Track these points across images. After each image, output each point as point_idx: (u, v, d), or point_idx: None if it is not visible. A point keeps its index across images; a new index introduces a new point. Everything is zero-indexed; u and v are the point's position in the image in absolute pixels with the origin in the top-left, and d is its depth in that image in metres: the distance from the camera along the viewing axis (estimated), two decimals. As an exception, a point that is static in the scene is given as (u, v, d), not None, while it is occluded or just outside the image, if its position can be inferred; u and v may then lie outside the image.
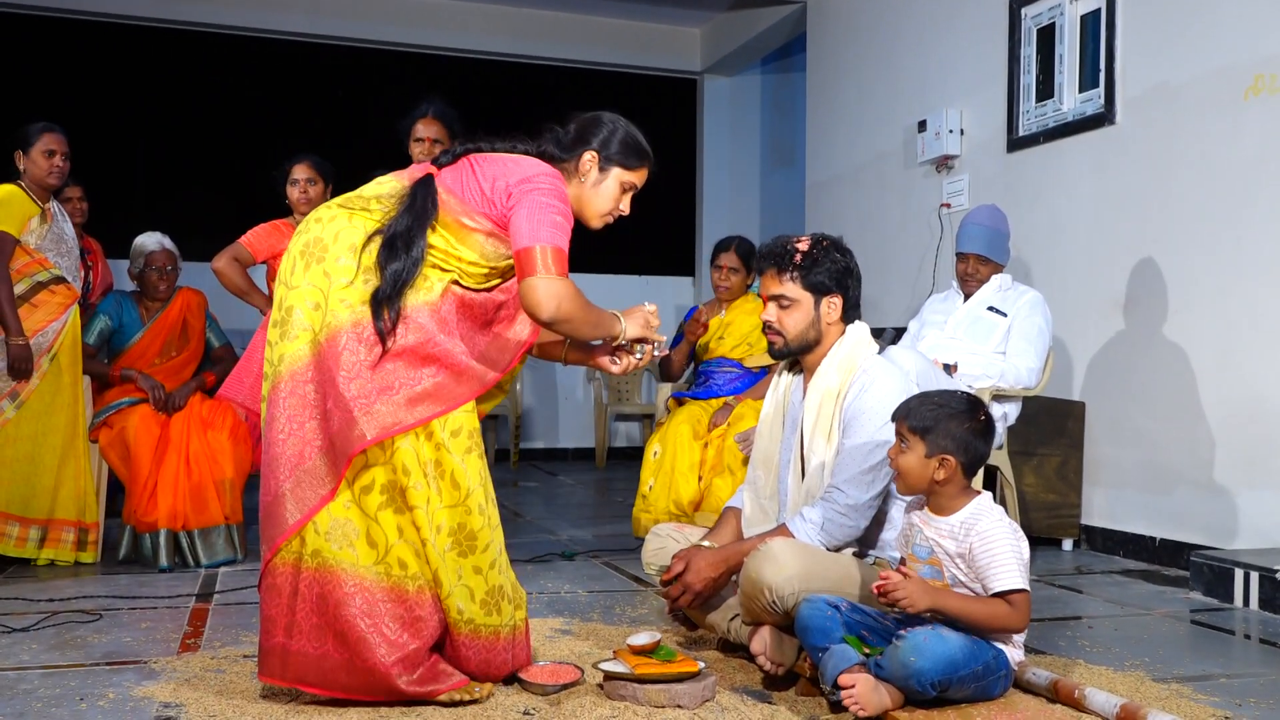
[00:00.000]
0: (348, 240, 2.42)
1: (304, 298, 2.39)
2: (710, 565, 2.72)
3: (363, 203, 2.48)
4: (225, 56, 8.10)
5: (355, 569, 2.34)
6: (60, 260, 4.23)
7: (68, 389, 4.18)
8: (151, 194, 7.90)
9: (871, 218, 6.45)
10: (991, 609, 2.33)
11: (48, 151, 4.15)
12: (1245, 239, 4.08)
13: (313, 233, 2.45)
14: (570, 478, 7.41)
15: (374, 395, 2.33)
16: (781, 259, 2.77)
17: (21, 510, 4.09)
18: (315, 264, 2.41)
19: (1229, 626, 3.36)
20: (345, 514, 2.36)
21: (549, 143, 2.61)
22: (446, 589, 2.37)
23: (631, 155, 2.61)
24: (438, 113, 4.25)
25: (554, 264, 2.38)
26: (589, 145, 2.58)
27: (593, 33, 8.73)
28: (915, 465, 2.41)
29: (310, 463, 2.36)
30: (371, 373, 2.34)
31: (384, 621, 2.34)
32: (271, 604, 2.39)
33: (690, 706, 2.39)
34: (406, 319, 2.38)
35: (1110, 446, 4.67)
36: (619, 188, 2.62)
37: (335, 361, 2.34)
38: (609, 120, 2.63)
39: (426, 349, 2.39)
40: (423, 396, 2.37)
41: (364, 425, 2.32)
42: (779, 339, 2.79)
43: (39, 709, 2.38)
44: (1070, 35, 4.95)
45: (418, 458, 2.37)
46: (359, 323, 2.36)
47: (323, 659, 2.35)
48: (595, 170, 2.59)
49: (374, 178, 2.60)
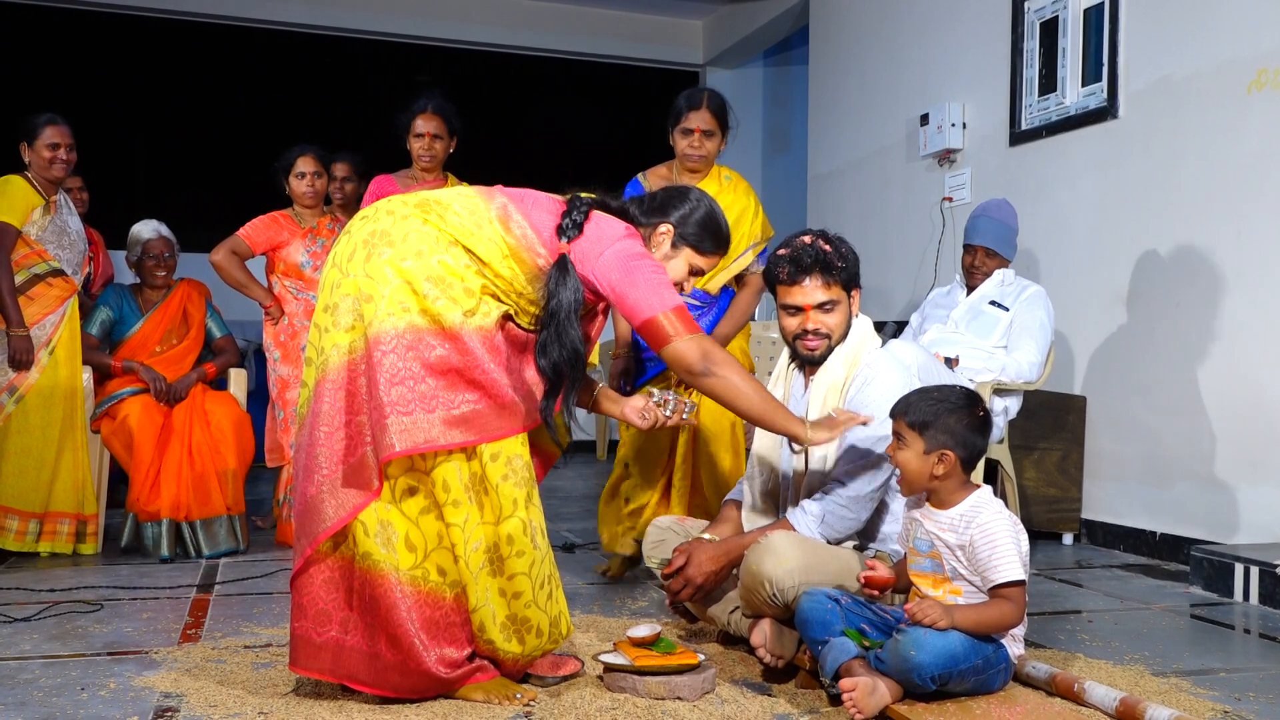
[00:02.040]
0: (415, 245, 2.33)
1: (359, 288, 2.32)
2: (711, 559, 2.72)
3: (440, 209, 2.39)
4: (225, 47, 8.09)
5: (398, 572, 2.30)
6: (62, 253, 4.24)
7: (65, 382, 4.19)
8: (151, 185, 7.90)
9: (873, 211, 6.44)
10: (998, 611, 2.33)
11: (51, 144, 4.15)
12: (1247, 233, 4.08)
13: (382, 224, 2.37)
14: (570, 470, 7.41)
15: (414, 406, 2.27)
16: (827, 265, 2.71)
17: (21, 504, 4.10)
18: (377, 256, 2.33)
19: (1229, 621, 3.36)
20: (388, 515, 2.31)
21: (633, 203, 2.60)
22: (474, 603, 2.35)
23: (707, 239, 2.59)
24: (437, 108, 4.24)
25: (683, 324, 2.39)
26: (668, 217, 2.56)
27: (594, 25, 8.72)
28: (914, 461, 2.41)
29: (357, 458, 2.30)
30: (415, 383, 2.27)
31: (424, 626, 2.31)
32: (326, 598, 2.34)
33: (690, 698, 2.40)
34: (457, 339, 2.30)
35: (1111, 441, 4.67)
36: (687, 268, 2.59)
37: (379, 364, 2.27)
38: (695, 198, 2.60)
39: (473, 373, 2.32)
40: (459, 421, 2.30)
41: (394, 435, 2.25)
42: (825, 342, 2.75)
43: (40, 699, 2.38)
44: (1073, 29, 4.94)
45: (460, 474, 2.32)
46: (414, 329, 2.29)
47: (375, 658, 2.32)
48: (668, 245, 2.57)
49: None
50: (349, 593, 2.34)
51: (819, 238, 2.74)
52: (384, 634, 2.31)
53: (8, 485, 4.09)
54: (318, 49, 8.25)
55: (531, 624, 2.39)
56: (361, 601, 2.32)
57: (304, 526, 2.34)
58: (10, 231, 4.07)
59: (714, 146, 3.64)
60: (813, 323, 2.74)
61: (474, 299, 2.33)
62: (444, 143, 4.25)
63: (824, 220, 6.67)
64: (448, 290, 2.31)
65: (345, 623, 2.34)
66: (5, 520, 4.08)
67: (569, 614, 2.50)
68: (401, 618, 2.29)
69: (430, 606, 2.32)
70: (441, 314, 2.30)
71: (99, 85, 7.72)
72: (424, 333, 2.29)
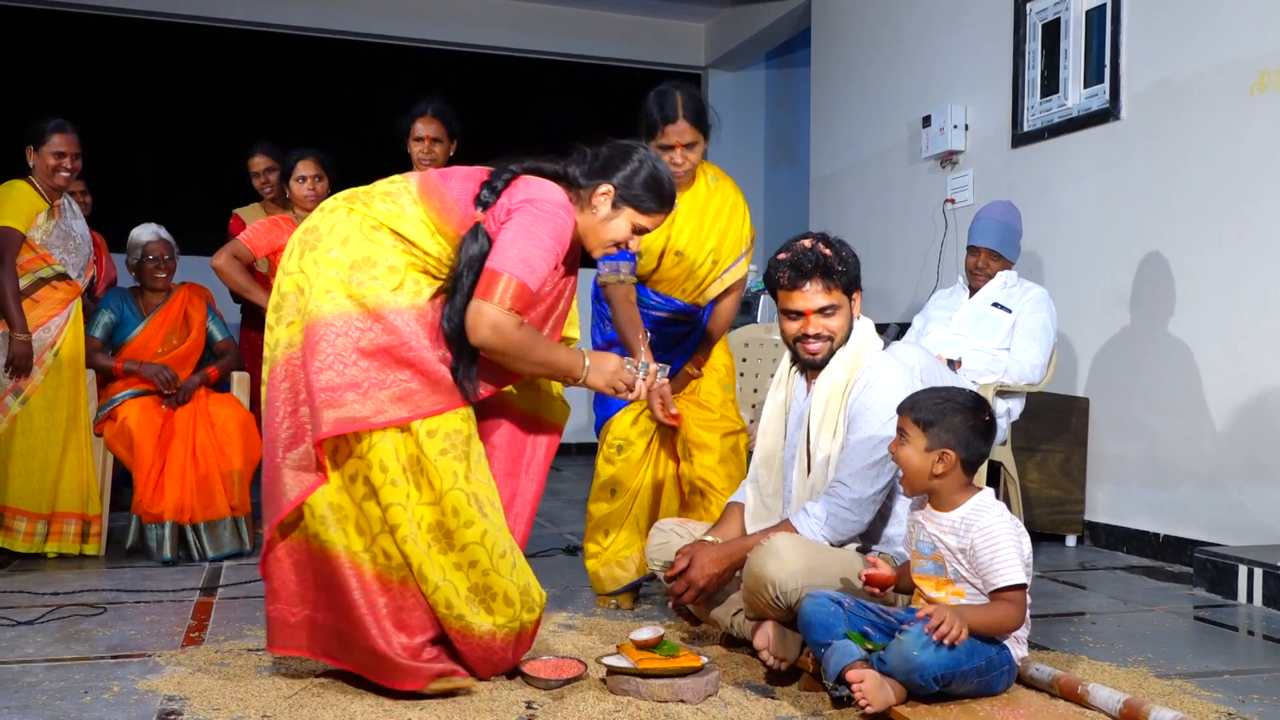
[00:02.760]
0: (341, 234, 2.44)
1: (295, 283, 2.43)
2: (714, 561, 2.72)
3: (366, 198, 2.50)
4: (229, 51, 8.10)
5: (350, 552, 2.38)
6: (67, 257, 4.25)
7: (69, 383, 4.20)
8: (154, 188, 7.91)
9: (876, 213, 6.44)
10: (1002, 613, 2.33)
11: (57, 152, 4.17)
12: (1250, 234, 4.07)
13: (313, 221, 2.50)
14: (572, 472, 7.41)
15: (343, 389, 2.34)
16: (828, 269, 2.69)
17: (28, 505, 4.12)
18: (309, 251, 2.44)
19: (1232, 623, 3.36)
20: (337, 499, 2.40)
21: (574, 163, 2.57)
22: (432, 583, 2.38)
23: (650, 199, 2.56)
24: (436, 111, 4.25)
25: (511, 300, 2.35)
26: (609, 179, 2.54)
27: (596, 27, 8.73)
28: (914, 458, 2.42)
29: (304, 446, 2.40)
30: (344, 367, 2.35)
31: (377, 606, 2.38)
32: (297, 579, 2.44)
33: (693, 701, 2.40)
34: (383, 319, 2.38)
35: (1114, 442, 4.66)
36: (629, 228, 2.58)
37: (312, 351, 2.36)
38: (638, 157, 2.56)
39: (401, 352, 2.38)
40: (393, 399, 2.37)
41: (326, 416, 2.33)
42: (826, 346, 2.74)
43: (44, 702, 2.39)
44: (1075, 30, 4.94)
45: (396, 454, 2.38)
46: (342, 315, 2.37)
47: (339, 634, 2.40)
48: (608, 206, 2.55)
49: (374, 179, 2.60)
50: (314, 573, 2.42)
51: (820, 241, 2.73)
52: (341, 612, 2.38)
53: (14, 487, 4.11)
54: (322, 53, 8.26)
55: (497, 592, 2.42)
56: (322, 579, 2.41)
57: (266, 513, 2.44)
58: (14, 236, 4.08)
59: (697, 156, 3.34)
60: (814, 327, 2.73)
61: (399, 275, 2.41)
62: (444, 145, 4.26)
63: (826, 222, 6.67)
64: (371, 270, 2.39)
65: (316, 602, 2.43)
66: (13, 522, 4.10)
67: (539, 585, 2.53)
68: (354, 598, 2.36)
69: (381, 588, 2.39)
70: (365, 296, 2.38)
71: (102, 89, 7.73)
72: (352, 317, 2.37)
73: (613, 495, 3.40)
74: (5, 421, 4.11)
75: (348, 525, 2.39)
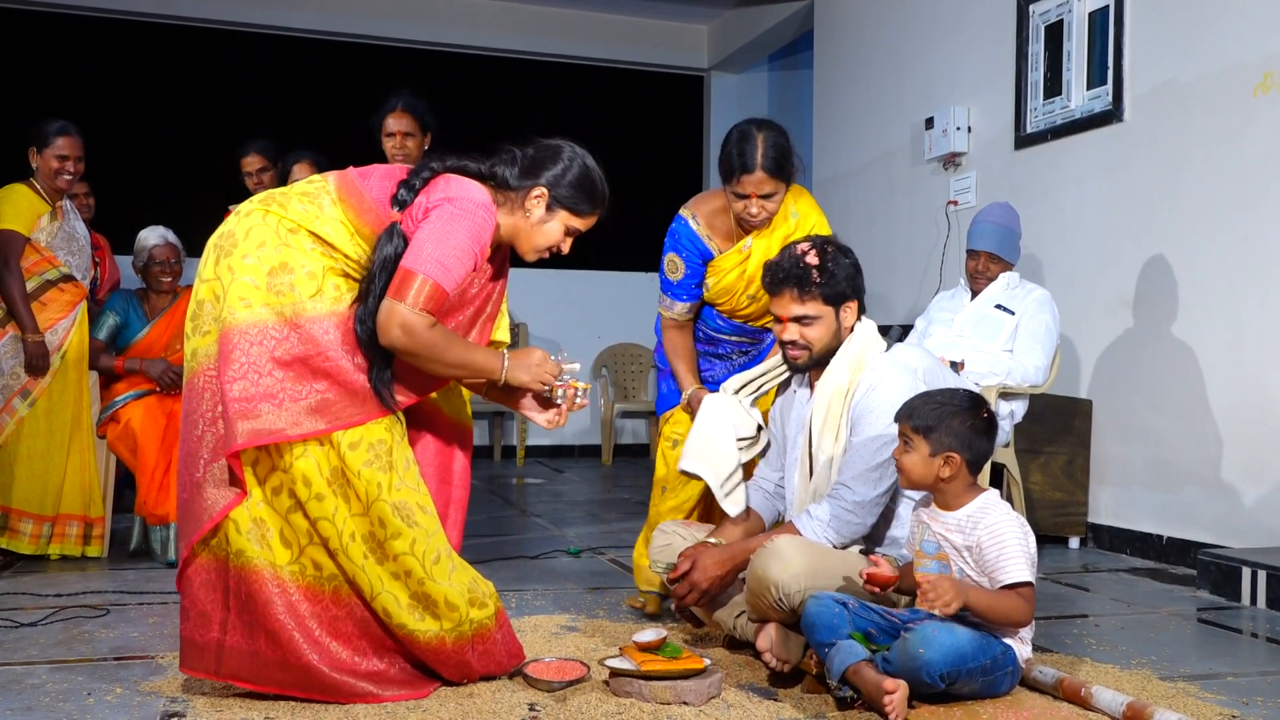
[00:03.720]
0: (258, 238, 2.35)
1: (210, 290, 2.36)
2: (717, 564, 2.72)
3: (283, 199, 2.40)
4: (232, 53, 8.11)
5: (274, 568, 2.32)
6: (71, 259, 4.26)
7: (74, 386, 4.21)
8: (156, 190, 7.91)
9: (878, 215, 6.44)
10: (1010, 601, 2.34)
11: (60, 155, 4.17)
12: (1254, 236, 4.07)
13: (229, 225, 2.41)
14: (576, 474, 7.41)
15: (257, 400, 2.27)
16: (801, 280, 2.68)
17: (34, 507, 4.12)
18: (224, 257, 2.36)
19: (1236, 625, 3.35)
20: (260, 513, 2.33)
21: (503, 164, 2.46)
22: (369, 593, 2.35)
23: (583, 200, 2.46)
24: (408, 105, 4.23)
25: (424, 301, 2.26)
26: (539, 180, 2.43)
27: (599, 29, 8.74)
28: (920, 464, 2.42)
29: (222, 461, 2.32)
30: (259, 377, 2.28)
31: (306, 620, 2.33)
32: (205, 599, 2.36)
33: (696, 703, 2.39)
34: (300, 328, 2.30)
35: (1117, 444, 4.66)
36: (563, 230, 2.48)
37: (226, 360, 2.29)
38: (568, 156, 2.46)
39: (318, 362, 2.31)
40: (310, 411, 2.30)
41: (240, 428, 2.25)
42: (804, 353, 2.74)
43: (46, 704, 2.39)
44: (1078, 32, 4.94)
45: (319, 469, 2.32)
46: (257, 324, 2.29)
47: (255, 655, 2.34)
48: (542, 209, 2.44)
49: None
50: (225, 593, 2.35)
51: (814, 249, 2.71)
52: (262, 631, 2.32)
53: (20, 489, 4.11)
54: (325, 55, 8.27)
55: (436, 599, 2.37)
56: (238, 600, 2.34)
57: (182, 529, 2.38)
58: (18, 239, 4.09)
59: (776, 205, 3.08)
60: (789, 334, 2.73)
61: (317, 281, 2.33)
62: (417, 140, 4.25)
63: (829, 224, 6.66)
64: (288, 277, 2.32)
65: (224, 623, 2.35)
66: (19, 524, 4.11)
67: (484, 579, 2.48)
68: (277, 613, 2.30)
69: (310, 600, 2.34)
70: (283, 304, 2.30)
71: (105, 90, 7.74)
72: (268, 326, 2.30)
73: (664, 493, 3.28)
74: (13, 424, 4.12)
75: (273, 539, 2.33)
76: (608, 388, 8.31)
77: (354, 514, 2.34)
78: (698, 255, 3.17)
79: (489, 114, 8.54)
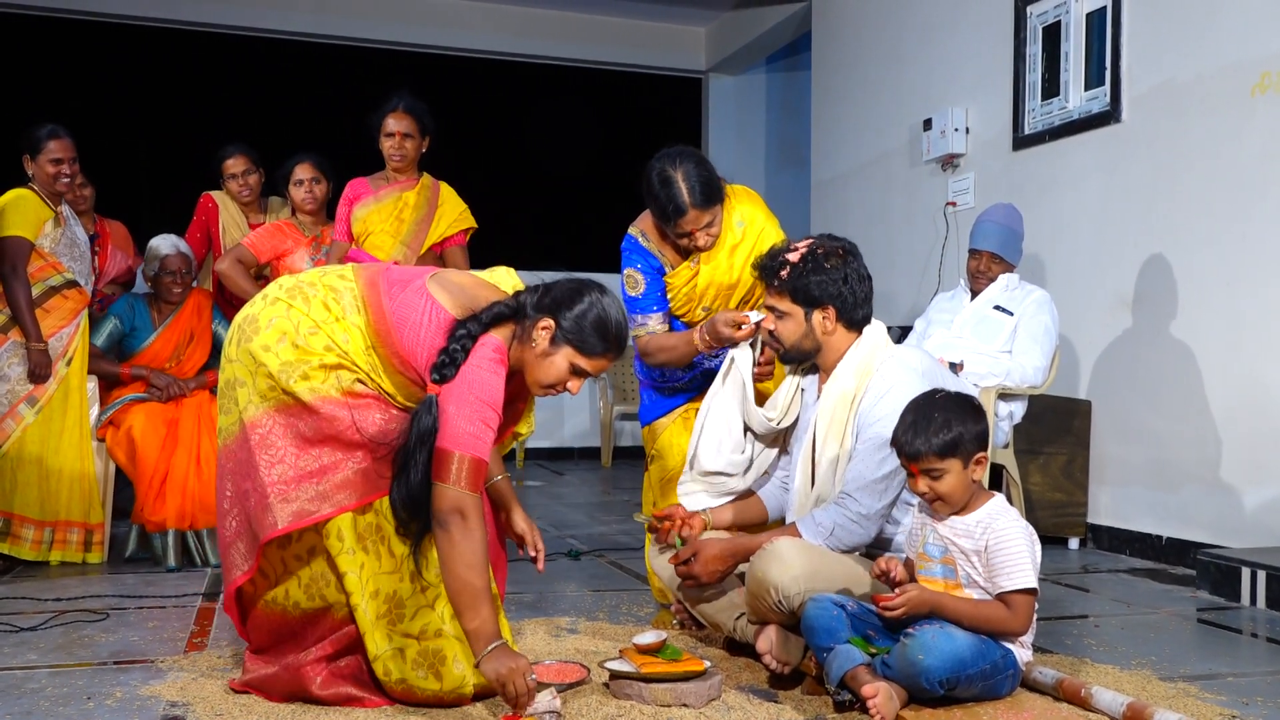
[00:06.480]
0: (279, 329, 2.37)
1: (234, 372, 2.41)
2: (718, 557, 2.73)
3: (308, 293, 2.42)
4: (230, 56, 8.12)
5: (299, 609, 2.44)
6: (74, 264, 4.26)
7: (76, 392, 4.21)
8: (157, 192, 7.92)
9: (877, 216, 6.44)
10: (993, 611, 2.33)
11: (54, 159, 4.16)
12: (1252, 236, 4.07)
13: (254, 309, 2.44)
14: (575, 476, 7.41)
15: (294, 482, 2.32)
16: (768, 273, 2.72)
17: (35, 513, 4.12)
18: (245, 342, 2.39)
19: (1236, 625, 3.35)
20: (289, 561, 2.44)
21: (528, 294, 2.43)
22: (373, 652, 2.35)
23: (593, 342, 2.37)
24: (409, 107, 4.23)
25: (467, 479, 2.23)
26: (553, 314, 2.36)
27: (598, 32, 8.74)
28: (958, 484, 2.39)
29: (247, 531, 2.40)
30: (295, 459, 2.33)
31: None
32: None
33: (696, 705, 2.39)
34: (316, 412, 2.33)
35: (1116, 445, 4.66)
36: (568, 368, 2.38)
37: (259, 444, 2.34)
38: (589, 298, 2.38)
39: (349, 435, 2.35)
40: (343, 485, 2.34)
41: (278, 513, 2.31)
42: (779, 346, 2.77)
43: (46, 708, 2.39)
44: (1076, 33, 4.94)
45: (353, 525, 2.36)
46: (284, 408, 2.34)
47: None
48: (546, 341, 2.36)
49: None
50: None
51: (805, 246, 2.72)
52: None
53: (21, 495, 4.11)
54: (325, 58, 8.28)
55: (446, 655, 2.36)
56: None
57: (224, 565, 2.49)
58: (24, 245, 4.09)
59: (719, 227, 3.08)
60: (767, 322, 2.78)
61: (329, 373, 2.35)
62: (415, 142, 4.25)
63: (828, 226, 6.67)
64: (305, 367, 2.34)
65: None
66: (21, 530, 4.11)
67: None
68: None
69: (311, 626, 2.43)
70: (300, 393, 2.33)
71: (104, 93, 7.75)
72: (291, 411, 2.34)
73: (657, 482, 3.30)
74: (19, 430, 4.12)
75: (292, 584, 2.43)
76: (606, 390, 8.31)
77: (384, 571, 2.39)
78: (653, 269, 3.17)
79: (487, 117, 8.56)
